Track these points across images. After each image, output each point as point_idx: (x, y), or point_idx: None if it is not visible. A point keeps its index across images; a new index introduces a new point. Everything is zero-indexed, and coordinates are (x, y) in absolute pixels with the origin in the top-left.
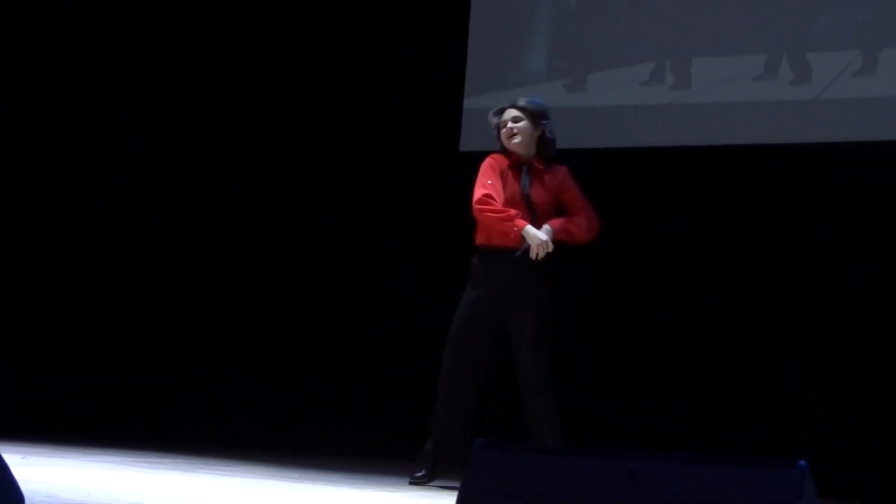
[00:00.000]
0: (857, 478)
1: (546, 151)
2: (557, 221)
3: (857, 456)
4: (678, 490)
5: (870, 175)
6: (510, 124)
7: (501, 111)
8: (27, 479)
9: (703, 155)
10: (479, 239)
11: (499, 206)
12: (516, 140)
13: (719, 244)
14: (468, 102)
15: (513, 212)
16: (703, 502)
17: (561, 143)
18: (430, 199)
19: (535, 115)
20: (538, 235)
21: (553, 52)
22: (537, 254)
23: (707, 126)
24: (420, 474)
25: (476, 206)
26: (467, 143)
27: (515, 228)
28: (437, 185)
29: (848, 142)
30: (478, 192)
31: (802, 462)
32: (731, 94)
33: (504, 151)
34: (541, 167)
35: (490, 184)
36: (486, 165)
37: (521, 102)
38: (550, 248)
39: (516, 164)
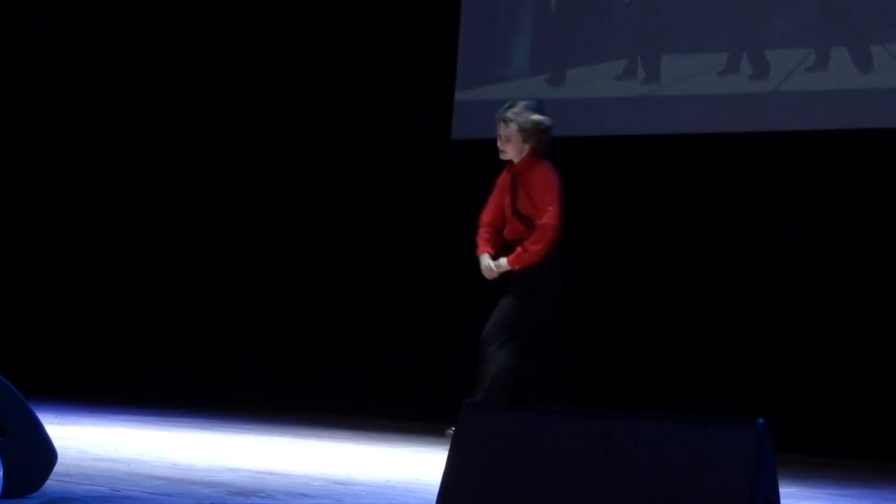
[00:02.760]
0: (811, 433)
1: (539, 150)
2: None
3: (811, 414)
4: (648, 446)
5: (822, 160)
6: (500, 140)
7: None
8: (60, 436)
9: (670, 142)
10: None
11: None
12: (505, 156)
13: (686, 223)
14: (459, 95)
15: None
16: (671, 457)
17: None
18: (423, 181)
19: (524, 128)
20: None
21: (536, 49)
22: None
23: (674, 116)
24: None
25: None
26: (458, 132)
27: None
28: (431, 170)
29: (802, 130)
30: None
31: (761, 420)
32: (696, 87)
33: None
34: (524, 169)
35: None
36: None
37: (509, 115)
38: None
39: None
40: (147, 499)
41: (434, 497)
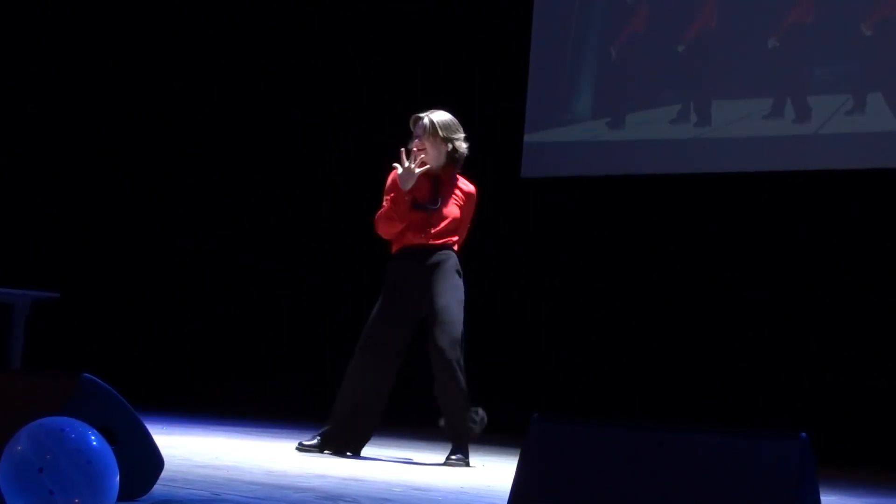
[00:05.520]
0: (851, 446)
1: (454, 164)
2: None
3: (851, 427)
4: (698, 458)
5: (861, 196)
6: (415, 148)
7: (416, 120)
8: (165, 444)
9: (721, 180)
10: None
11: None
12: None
13: (737, 252)
14: (527, 137)
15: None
16: (719, 468)
17: (603, 171)
18: (495, 215)
19: (438, 134)
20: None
21: (597, 95)
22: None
23: (724, 157)
24: (310, 442)
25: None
26: (526, 171)
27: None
28: (503, 205)
29: (841, 169)
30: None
31: (804, 434)
32: (744, 130)
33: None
34: (447, 180)
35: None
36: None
37: (425, 122)
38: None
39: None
40: (244, 502)
41: (504, 503)
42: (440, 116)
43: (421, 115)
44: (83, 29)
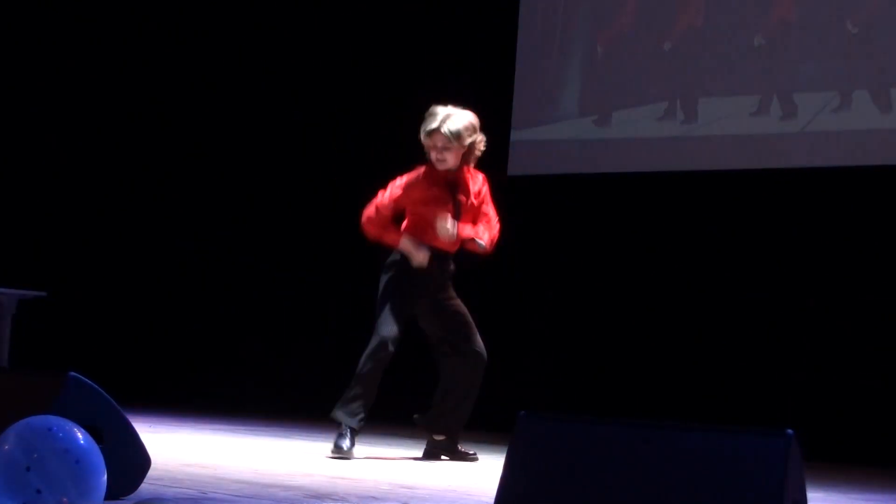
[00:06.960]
0: (836, 443)
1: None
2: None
3: (836, 425)
4: (685, 454)
5: (847, 194)
6: (436, 153)
7: (431, 133)
8: (153, 443)
9: (707, 178)
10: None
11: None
12: (444, 166)
13: (724, 250)
14: (514, 135)
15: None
16: (706, 464)
17: (589, 169)
18: None
19: (461, 139)
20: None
21: (584, 93)
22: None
23: (710, 154)
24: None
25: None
26: (513, 169)
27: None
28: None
29: (828, 167)
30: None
31: (790, 431)
32: (730, 127)
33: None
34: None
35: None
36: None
37: (446, 130)
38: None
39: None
40: (231, 501)
41: (492, 500)
42: (456, 123)
43: (438, 112)
44: (79, 27)
